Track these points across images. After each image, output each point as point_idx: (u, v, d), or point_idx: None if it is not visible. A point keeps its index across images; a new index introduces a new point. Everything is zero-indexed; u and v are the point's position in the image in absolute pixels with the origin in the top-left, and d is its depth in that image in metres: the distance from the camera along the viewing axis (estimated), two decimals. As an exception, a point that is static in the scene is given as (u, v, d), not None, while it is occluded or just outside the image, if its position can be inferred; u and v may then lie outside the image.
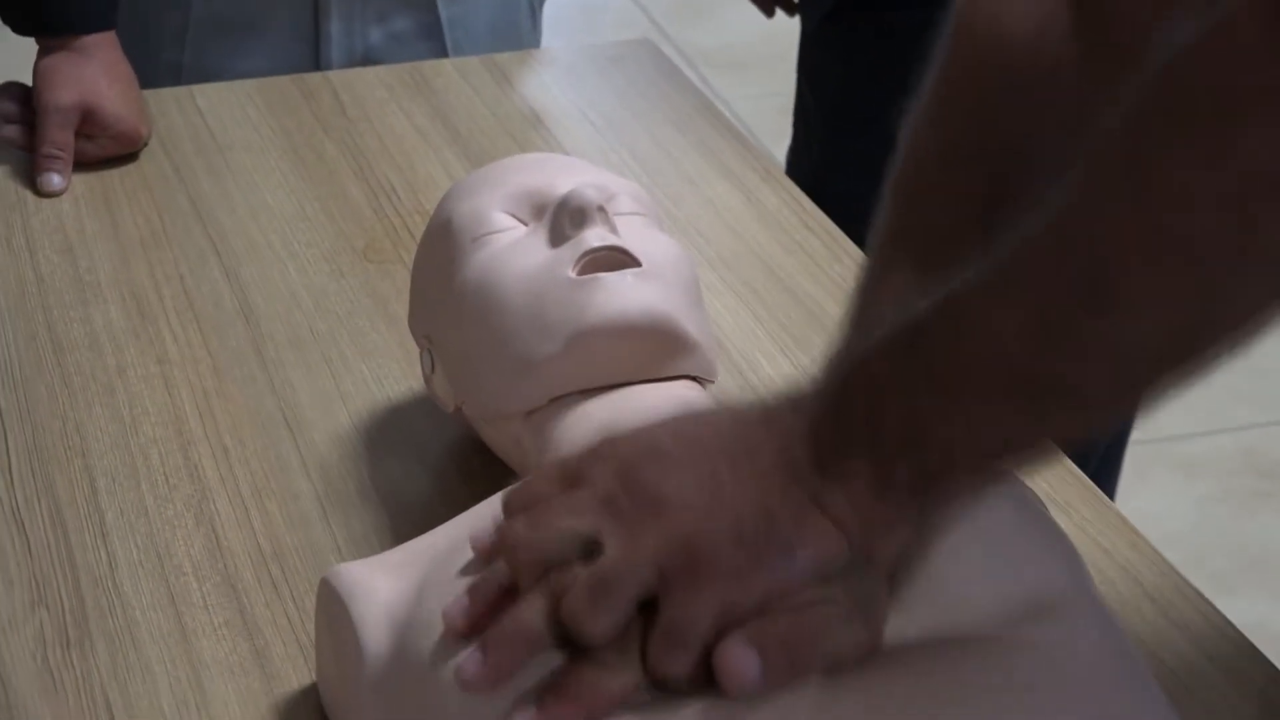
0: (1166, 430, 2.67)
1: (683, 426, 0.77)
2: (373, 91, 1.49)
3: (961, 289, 0.70)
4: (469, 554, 0.80)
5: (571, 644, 0.73)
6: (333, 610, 0.85)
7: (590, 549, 0.73)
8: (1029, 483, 0.96)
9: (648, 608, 0.72)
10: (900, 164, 0.87)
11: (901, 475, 0.72)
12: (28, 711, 0.90)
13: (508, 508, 0.78)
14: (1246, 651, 0.96)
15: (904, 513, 0.73)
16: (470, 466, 1.06)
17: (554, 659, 0.73)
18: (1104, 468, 1.94)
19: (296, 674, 0.92)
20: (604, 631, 0.72)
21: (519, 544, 0.75)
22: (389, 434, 1.09)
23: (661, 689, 0.72)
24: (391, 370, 1.15)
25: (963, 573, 0.77)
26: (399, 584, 0.83)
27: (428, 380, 1.04)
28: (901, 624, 0.75)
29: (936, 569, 0.76)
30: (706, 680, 0.72)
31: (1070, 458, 1.10)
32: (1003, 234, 0.69)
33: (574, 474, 0.77)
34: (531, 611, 0.74)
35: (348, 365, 1.16)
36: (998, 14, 0.86)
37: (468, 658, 0.74)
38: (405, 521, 1.02)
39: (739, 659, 0.71)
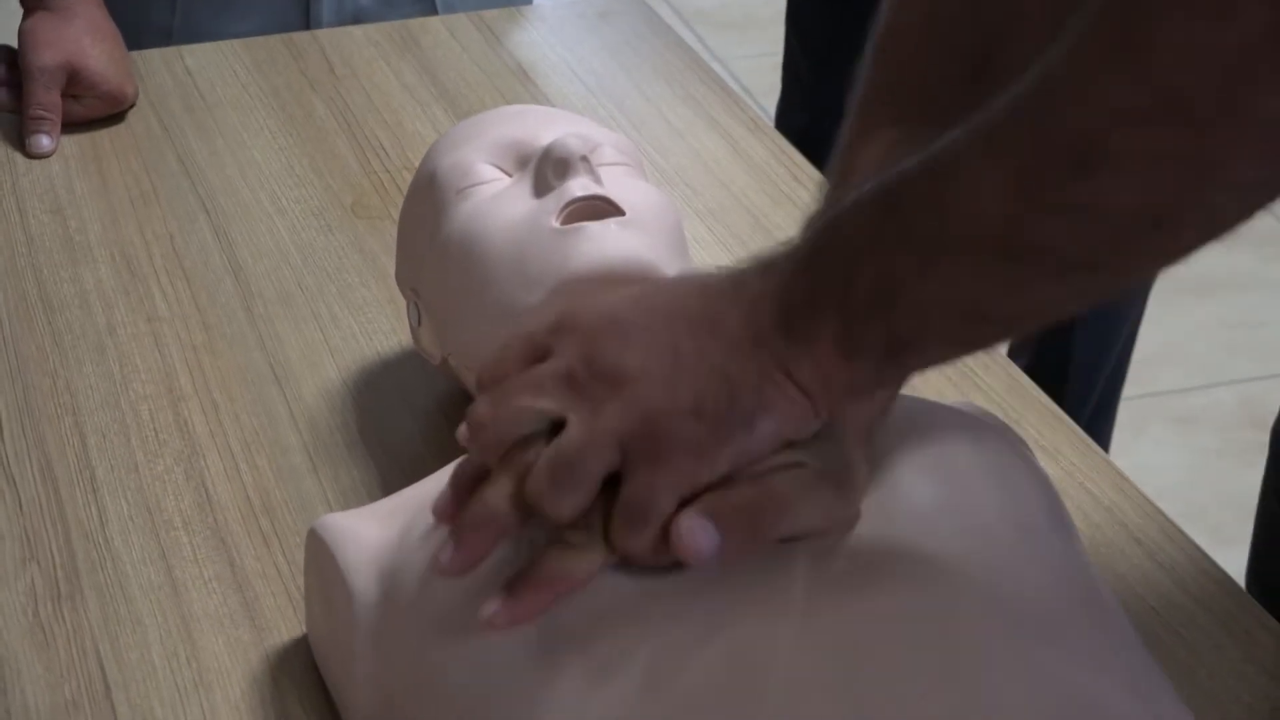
0: (1164, 384, 2.67)
1: (646, 296, 0.76)
2: (361, 49, 1.49)
3: (946, 148, 0.68)
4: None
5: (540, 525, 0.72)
6: (321, 560, 0.86)
7: (555, 426, 0.72)
8: (1016, 428, 0.96)
9: (613, 484, 0.72)
10: (885, 22, 0.86)
11: (872, 336, 0.70)
12: (19, 664, 0.90)
13: (479, 384, 0.77)
14: (1232, 592, 0.96)
15: (872, 376, 0.72)
16: (458, 417, 1.04)
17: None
18: (1096, 421, 1.95)
19: (286, 625, 0.92)
20: (567, 511, 0.71)
21: (482, 425, 0.74)
22: (377, 387, 1.10)
23: (629, 566, 0.72)
24: (380, 324, 1.15)
25: (941, 507, 0.77)
26: (386, 532, 0.83)
27: (414, 333, 1.04)
28: (879, 553, 0.75)
29: (915, 503, 0.77)
30: (673, 558, 0.71)
31: (1063, 410, 1.10)
32: (992, 94, 0.68)
33: (537, 348, 0.75)
34: (497, 494, 0.73)
35: (336, 320, 1.16)
36: None
37: (441, 546, 0.74)
38: (394, 473, 1.02)
39: (694, 531, 0.70)
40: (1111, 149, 0.64)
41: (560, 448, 0.72)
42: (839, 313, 0.70)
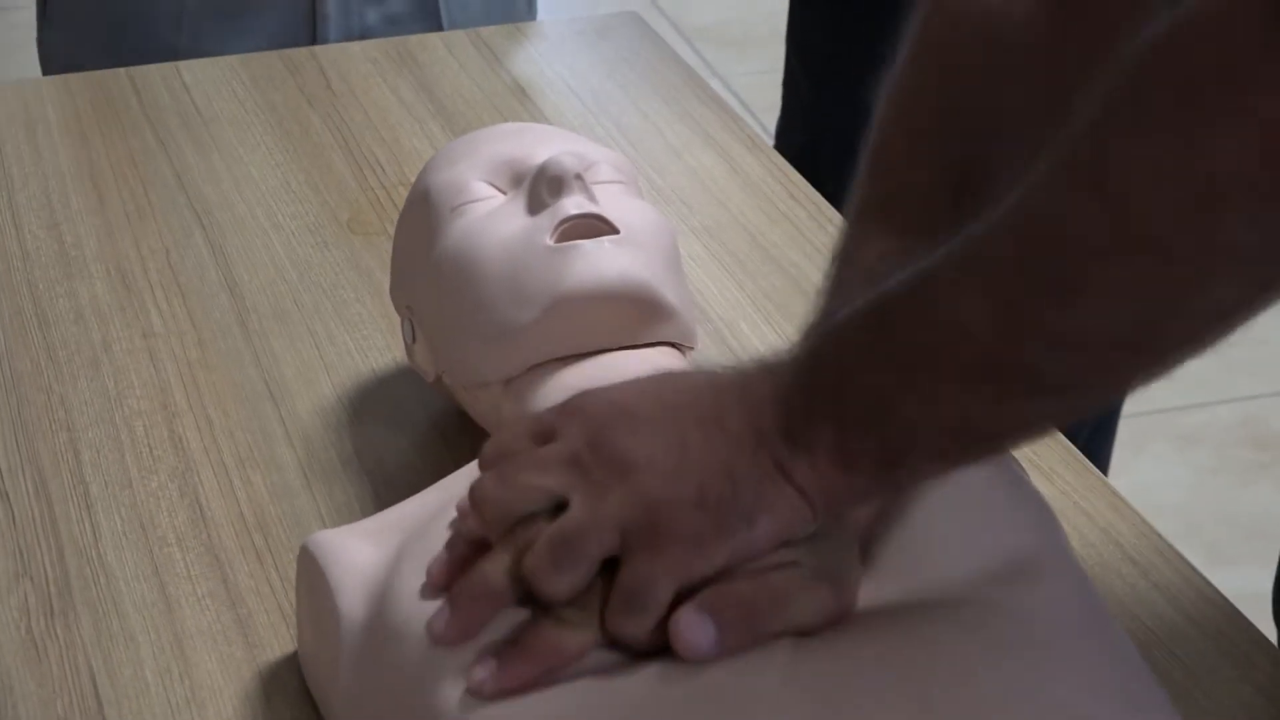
0: (1164, 402, 2.67)
1: (655, 388, 0.78)
2: (358, 66, 1.49)
3: (930, 271, 0.70)
4: (445, 520, 0.80)
5: (536, 600, 0.73)
6: (311, 577, 0.85)
7: (557, 506, 0.74)
8: (1015, 450, 0.96)
9: (612, 566, 0.73)
10: (875, 133, 0.87)
11: (865, 450, 0.72)
12: (11, 681, 0.90)
13: (482, 462, 0.79)
14: (1228, 613, 0.96)
15: (868, 486, 0.73)
16: (452, 435, 1.06)
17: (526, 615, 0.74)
18: (1096, 439, 1.94)
19: (279, 642, 0.92)
20: (563, 590, 0.73)
21: (486, 499, 0.76)
22: (372, 404, 1.10)
23: (621, 648, 0.73)
24: (375, 341, 1.15)
25: (937, 536, 0.77)
26: (377, 550, 0.83)
27: (409, 350, 1.04)
28: (875, 588, 0.75)
29: (911, 533, 0.77)
30: (665, 642, 0.72)
31: (1060, 430, 1.10)
32: (975, 215, 0.69)
33: (545, 429, 0.77)
34: (495, 567, 0.74)
35: (331, 336, 1.16)
36: None
37: (437, 613, 0.75)
38: (388, 490, 1.02)
39: (692, 626, 0.71)
40: (1088, 279, 0.66)
41: (562, 528, 0.73)
42: (834, 425, 0.72)
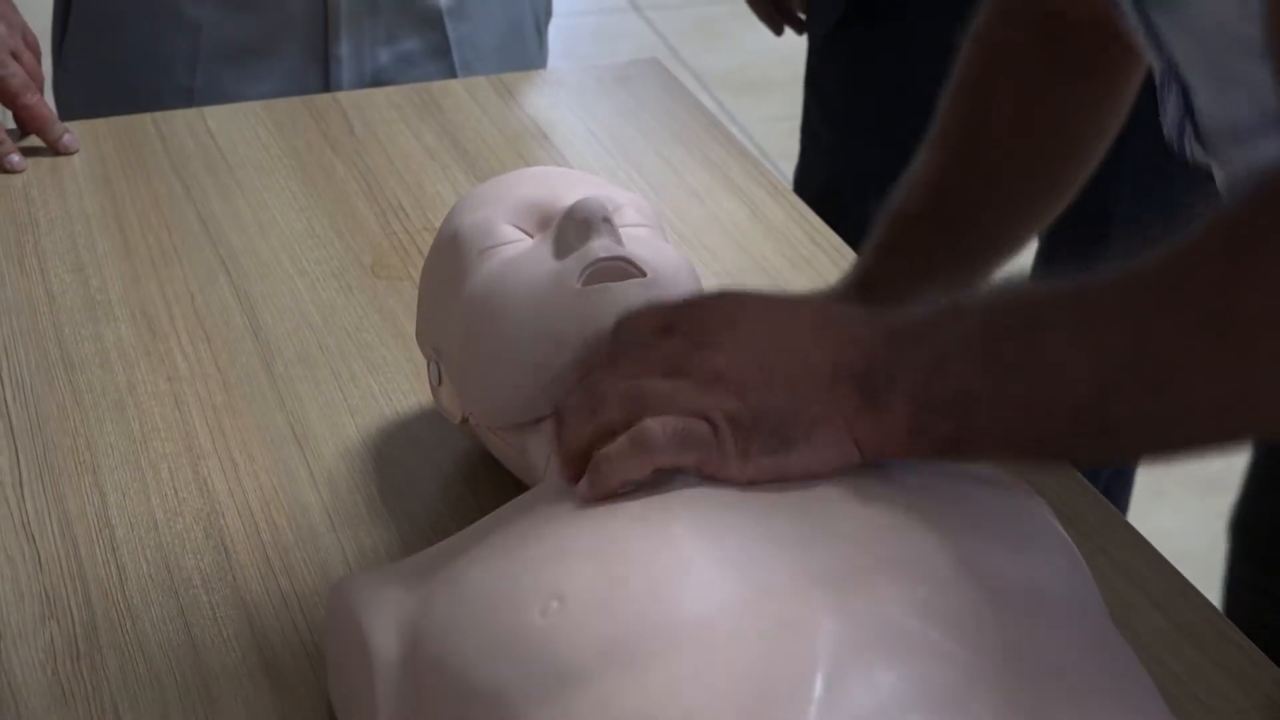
0: (1182, 448, 2.66)
1: (760, 308, 0.83)
2: (381, 111, 1.50)
3: (1043, 306, 0.77)
4: (475, 564, 0.80)
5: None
6: (343, 619, 0.86)
7: None
8: (1040, 492, 0.96)
9: None
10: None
11: (938, 428, 0.77)
12: (38, 723, 0.90)
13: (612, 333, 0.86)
14: (1253, 657, 0.96)
15: (926, 452, 0.79)
16: (478, 478, 1.06)
17: None
18: (1114, 485, 1.94)
19: (305, 685, 0.92)
20: (633, 476, 0.82)
21: (604, 389, 0.83)
22: (397, 447, 1.10)
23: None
24: (399, 384, 1.16)
25: (965, 568, 0.77)
26: (408, 593, 0.83)
27: (435, 392, 1.05)
28: (903, 615, 0.75)
29: (939, 566, 0.77)
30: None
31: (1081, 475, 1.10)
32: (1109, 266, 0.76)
33: (665, 323, 0.84)
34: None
35: (356, 380, 1.16)
36: None
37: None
38: (413, 533, 1.02)
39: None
40: (1188, 390, 0.74)
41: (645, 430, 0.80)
42: (914, 402, 0.77)
